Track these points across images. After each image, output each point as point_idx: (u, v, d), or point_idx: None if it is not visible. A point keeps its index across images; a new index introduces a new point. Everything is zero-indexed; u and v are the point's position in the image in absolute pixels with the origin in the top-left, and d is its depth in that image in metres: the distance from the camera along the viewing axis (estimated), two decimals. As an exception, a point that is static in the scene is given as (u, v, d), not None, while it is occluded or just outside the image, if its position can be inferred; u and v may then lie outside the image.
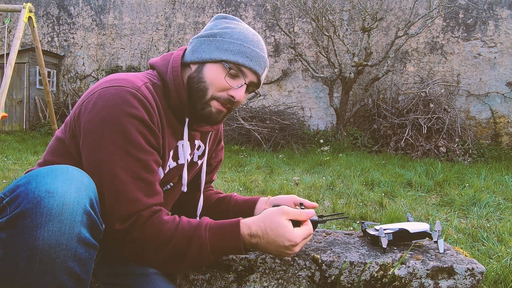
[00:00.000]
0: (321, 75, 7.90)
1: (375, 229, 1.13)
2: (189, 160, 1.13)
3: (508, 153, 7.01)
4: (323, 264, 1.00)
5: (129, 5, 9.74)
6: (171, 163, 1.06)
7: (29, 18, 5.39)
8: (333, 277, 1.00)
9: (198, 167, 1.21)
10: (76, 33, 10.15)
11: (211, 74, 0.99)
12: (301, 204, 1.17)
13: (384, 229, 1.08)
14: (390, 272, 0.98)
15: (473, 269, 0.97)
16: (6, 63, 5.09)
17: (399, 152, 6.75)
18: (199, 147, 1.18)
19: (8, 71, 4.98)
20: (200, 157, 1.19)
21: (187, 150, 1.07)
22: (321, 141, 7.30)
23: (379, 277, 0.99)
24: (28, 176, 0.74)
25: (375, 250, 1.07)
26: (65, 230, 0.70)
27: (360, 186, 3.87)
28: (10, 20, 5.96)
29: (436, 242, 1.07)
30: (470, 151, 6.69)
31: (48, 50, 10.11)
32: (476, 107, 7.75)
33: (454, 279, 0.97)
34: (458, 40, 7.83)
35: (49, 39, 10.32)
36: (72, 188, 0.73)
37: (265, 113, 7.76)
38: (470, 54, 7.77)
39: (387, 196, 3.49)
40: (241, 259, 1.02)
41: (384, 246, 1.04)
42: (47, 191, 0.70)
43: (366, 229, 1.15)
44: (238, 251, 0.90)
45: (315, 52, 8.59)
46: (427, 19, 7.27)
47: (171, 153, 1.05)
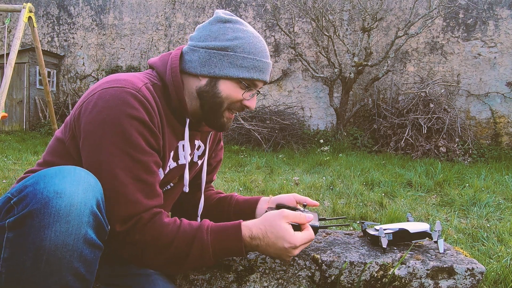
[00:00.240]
0: (321, 75, 7.90)
1: (375, 229, 1.13)
2: (189, 160, 1.13)
3: (508, 153, 7.01)
4: (323, 264, 1.00)
5: (129, 5, 9.74)
6: (172, 164, 1.06)
7: (29, 18, 5.39)
8: (333, 277, 1.00)
9: (198, 167, 1.21)
10: (76, 33, 10.15)
11: (228, 89, 1.00)
12: (304, 205, 1.17)
13: (384, 229, 1.08)
14: (390, 272, 0.98)
15: (473, 269, 0.97)
16: (6, 63, 5.09)
17: (399, 152, 6.75)
18: (199, 147, 1.18)
19: (8, 71, 4.98)
20: (200, 157, 1.19)
21: (188, 151, 1.07)
22: (321, 141, 7.30)
23: (379, 277, 0.99)
24: (36, 176, 0.74)
25: (375, 250, 1.07)
26: (72, 231, 0.71)
27: (360, 186, 3.87)
28: (10, 20, 5.96)
29: (436, 242, 1.07)
30: (470, 151, 6.69)
31: (48, 50, 10.11)
32: (476, 107, 7.75)
33: (454, 279, 0.97)
34: (458, 40, 7.83)
35: (49, 39, 10.33)
36: (79, 189, 0.74)
37: (265, 113, 7.76)
38: (470, 54, 7.77)
39: (387, 196, 3.49)
40: (241, 259, 1.02)
41: (384, 246, 1.04)
42: (55, 192, 0.71)
43: (366, 229, 1.15)
44: (239, 253, 0.90)
45: (315, 52, 8.59)
46: (427, 19, 7.27)
47: (171, 153, 1.05)
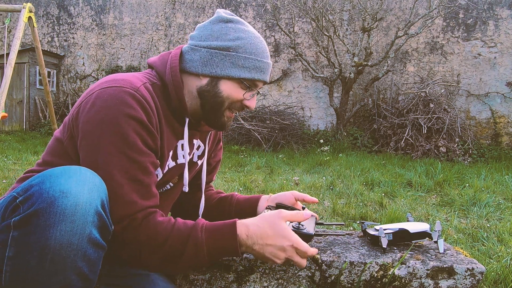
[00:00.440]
0: (321, 75, 7.89)
1: (375, 229, 1.13)
2: (188, 160, 1.13)
3: (508, 153, 7.01)
4: (323, 264, 1.00)
5: (129, 5, 9.74)
6: (170, 163, 1.06)
7: (29, 18, 5.39)
8: (333, 277, 1.00)
9: (198, 167, 1.21)
10: (76, 33, 10.15)
11: (229, 89, 1.01)
12: (303, 208, 1.17)
13: (384, 229, 1.08)
14: (390, 272, 0.98)
15: (473, 269, 0.97)
16: (6, 63, 5.09)
17: (399, 152, 6.75)
18: (199, 147, 1.17)
19: (8, 71, 4.98)
20: (200, 157, 1.19)
21: (187, 150, 1.07)
22: (321, 141, 7.30)
23: (379, 277, 0.99)
24: (42, 176, 0.75)
25: (375, 250, 1.07)
26: (77, 230, 0.71)
27: (360, 186, 3.87)
28: (10, 20, 5.96)
29: (436, 242, 1.07)
30: (470, 151, 6.69)
31: (48, 50, 10.11)
32: (476, 107, 7.75)
33: (454, 279, 0.97)
34: (458, 40, 7.83)
35: (49, 39, 10.32)
36: (85, 189, 0.74)
37: (265, 113, 7.76)
38: (470, 54, 7.77)
39: (387, 196, 3.49)
40: (241, 259, 1.02)
41: (384, 246, 1.04)
42: (61, 191, 0.71)
43: (366, 229, 1.15)
44: (234, 252, 0.89)
45: (315, 52, 8.58)
46: (427, 19, 7.26)
47: (170, 153, 1.05)
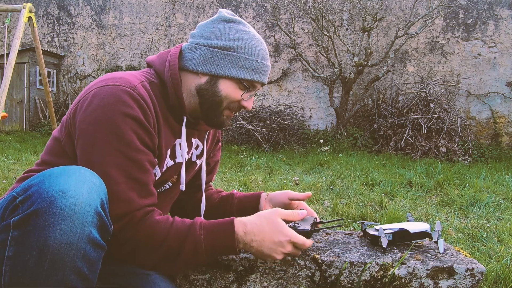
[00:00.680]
0: (321, 75, 7.89)
1: (375, 229, 1.13)
2: (186, 158, 1.12)
3: (508, 153, 7.01)
4: (323, 264, 1.00)
5: (129, 5, 9.74)
6: (169, 162, 1.06)
7: (29, 18, 5.39)
8: (333, 277, 1.00)
9: (197, 167, 1.20)
10: (76, 33, 10.15)
11: (227, 89, 1.01)
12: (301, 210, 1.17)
13: (384, 229, 1.08)
14: (390, 272, 0.98)
15: (473, 269, 0.97)
16: (6, 63, 5.09)
17: (399, 152, 6.75)
18: (197, 147, 1.17)
19: (8, 71, 4.98)
20: (198, 157, 1.19)
21: (185, 148, 1.07)
22: (321, 141, 7.30)
23: (379, 277, 0.99)
24: (41, 175, 0.75)
25: (375, 250, 1.07)
26: (76, 230, 0.71)
27: (360, 186, 3.87)
28: (10, 20, 5.96)
29: (436, 242, 1.07)
30: (470, 151, 6.69)
31: (48, 50, 10.11)
32: (476, 107, 7.75)
33: (454, 279, 0.97)
34: (458, 40, 7.83)
35: (49, 39, 10.32)
36: (84, 188, 0.74)
37: (265, 113, 7.76)
38: (470, 54, 7.77)
39: (387, 196, 3.49)
40: (241, 259, 1.02)
41: (384, 246, 1.04)
42: (61, 191, 0.71)
43: (366, 229, 1.15)
44: (232, 249, 0.90)
45: (315, 52, 8.58)
46: (427, 19, 7.26)
47: (168, 151, 1.04)
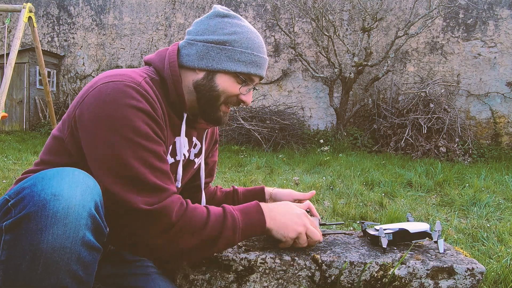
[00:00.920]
0: (321, 75, 7.89)
1: (375, 229, 1.13)
2: (186, 156, 1.12)
3: (508, 153, 7.01)
4: (323, 264, 1.00)
5: (129, 5, 9.74)
6: (169, 159, 1.06)
7: (29, 18, 5.39)
8: (333, 277, 1.00)
9: (196, 165, 1.20)
10: (76, 33, 10.15)
11: (224, 83, 1.01)
12: (308, 211, 1.17)
13: (384, 229, 1.08)
14: (390, 272, 0.98)
15: (473, 269, 0.97)
16: (6, 63, 5.09)
17: (399, 152, 6.75)
18: (195, 145, 1.17)
19: (8, 71, 4.98)
20: (196, 155, 1.18)
21: (183, 145, 1.07)
22: (321, 141, 7.30)
23: (379, 277, 0.99)
24: (34, 178, 0.74)
25: (375, 250, 1.07)
26: (69, 234, 0.70)
27: (360, 186, 3.87)
28: (10, 20, 5.96)
29: (436, 242, 1.07)
30: (470, 151, 6.69)
31: (48, 50, 10.10)
32: (476, 107, 7.74)
33: (454, 279, 0.98)
34: (458, 40, 7.83)
35: (49, 39, 10.32)
36: (77, 191, 0.73)
37: (265, 113, 7.76)
38: (470, 54, 7.76)
39: (387, 196, 3.49)
40: (241, 259, 1.02)
41: (384, 246, 1.04)
42: (53, 194, 0.70)
43: (366, 229, 1.15)
44: (262, 225, 0.96)
45: (315, 52, 8.58)
46: (427, 19, 7.26)
47: (170, 148, 1.05)
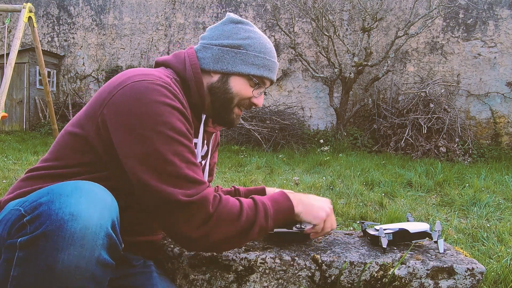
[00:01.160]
0: (321, 75, 7.89)
1: (375, 229, 1.13)
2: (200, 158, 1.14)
3: (508, 153, 7.01)
4: (323, 264, 1.00)
5: (129, 5, 9.73)
6: None
7: (29, 18, 5.38)
8: (333, 277, 1.00)
9: (201, 167, 1.21)
10: (76, 33, 10.15)
11: (238, 86, 1.05)
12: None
13: (384, 229, 1.08)
14: (390, 272, 0.98)
15: (473, 269, 0.97)
16: (6, 63, 5.09)
17: (399, 152, 6.75)
18: (203, 147, 1.18)
19: (8, 71, 4.97)
20: (203, 157, 1.20)
21: (200, 146, 1.10)
22: (321, 141, 7.30)
23: (379, 277, 0.99)
24: (51, 193, 0.74)
25: (375, 250, 1.07)
26: (85, 254, 0.70)
27: (360, 186, 3.87)
28: (10, 20, 5.95)
29: (436, 242, 1.07)
30: (470, 151, 6.69)
31: (48, 50, 10.10)
32: (476, 107, 7.74)
33: (454, 279, 0.98)
34: (458, 40, 7.83)
35: (49, 39, 10.32)
36: (96, 210, 0.73)
37: (265, 113, 7.76)
38: (470, 54, 7.76)
39: (387, 196, 3.49)
40: (241, 259, 1.02)
41: (384, 246, 1.04)
42: (71, 214, 0.70)
43: (366, 229, 1.15)
44: (291, 210, 1.00)
45: (315, 52, 8.58)
46: (427, 19, 7.26)
47: None
